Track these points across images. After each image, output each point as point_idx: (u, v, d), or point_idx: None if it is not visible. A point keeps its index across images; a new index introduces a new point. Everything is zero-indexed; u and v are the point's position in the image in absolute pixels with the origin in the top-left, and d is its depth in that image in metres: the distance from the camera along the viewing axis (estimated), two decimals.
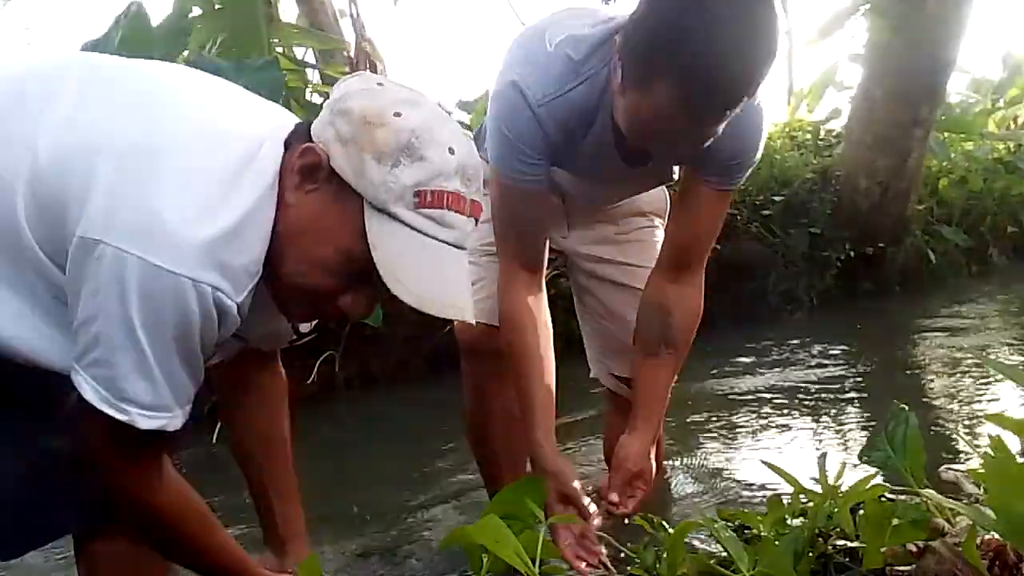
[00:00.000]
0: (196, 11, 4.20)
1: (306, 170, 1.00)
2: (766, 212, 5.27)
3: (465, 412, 1.88)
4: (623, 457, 1.59)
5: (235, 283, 0.98)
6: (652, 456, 1.62)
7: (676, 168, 1.71)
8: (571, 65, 1.46)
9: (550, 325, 1.63)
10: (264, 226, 1.01)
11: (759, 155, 1.59)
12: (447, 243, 1.01)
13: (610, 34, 1.45)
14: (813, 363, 3.71)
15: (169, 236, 0.93)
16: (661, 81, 1.27)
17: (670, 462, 2.31)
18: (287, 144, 1.03)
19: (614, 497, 1.53)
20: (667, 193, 1.92)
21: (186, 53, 3.93)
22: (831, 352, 3.93)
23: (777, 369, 3.63)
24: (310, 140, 1.02)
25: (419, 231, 0.98)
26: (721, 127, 1.34)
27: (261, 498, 1.36)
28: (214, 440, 2.74)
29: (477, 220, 1.04)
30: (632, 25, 1.34)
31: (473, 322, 1.07)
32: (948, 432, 2.52)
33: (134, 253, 0.91)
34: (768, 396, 3.14)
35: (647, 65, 1.29)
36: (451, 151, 0.99)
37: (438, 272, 1.00)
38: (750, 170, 1.62)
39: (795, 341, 4.17)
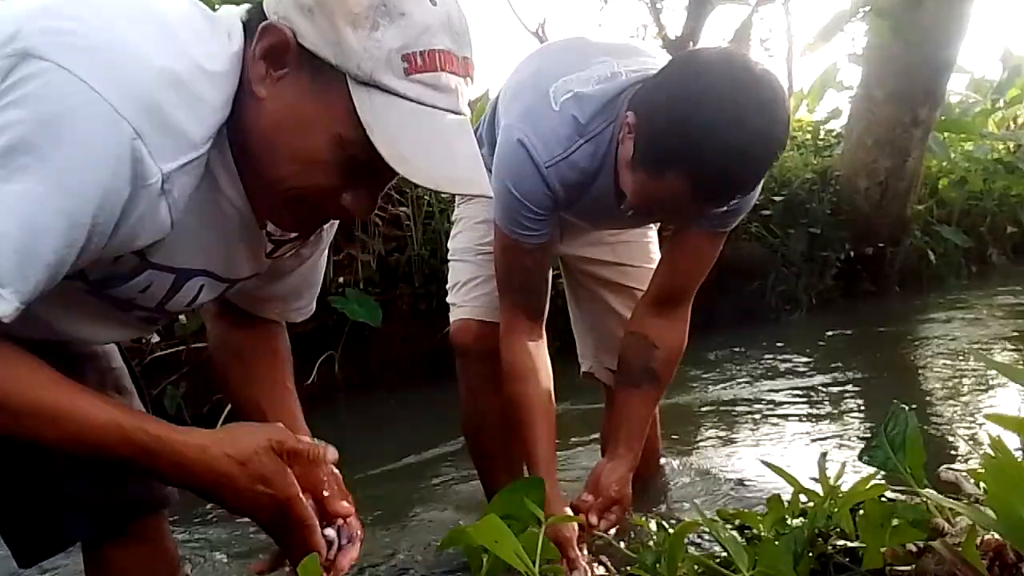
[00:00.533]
0: None
1: (271, 53, 0.85)
2: (766, 212, 5.27)
3: (461, 414, 1.88)
4: (605, 484, 1.58)
5: (163, 141, 0.79)
6: (629, 483, 1.63)
7: None
8: (576, 126, 1.48)
9: (550, 370, 1.64)
10: (220, 96, 0.85)
11: (754, 201, 1.63)
12: (448, 111, 0.86)
13: (615, 93, 1.48)
14: (812, 363, 3.71)
15: (112, 54, 0.77)
16: (676, 172, 1.30)
17: (670, 461, 2.31)
18: (246, 30, 0.88)
19: (593, 519, 1.54)
20: None
21: None
22: (830, 352, 3.93)
23: (776, 369, 3.63)
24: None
25: (416, 101, 0.84)
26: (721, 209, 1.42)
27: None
28: None
29: (472, 80, 0.90)
30: (649, 105, 1.36)
31: (490, 194, 0.99)
32: (948, 432, 2.52)
33: (64, 65, 0.75)
34: (768, 396, 3.14)
35: (662, 153, 1.32)
36: (432, 2, 0.84)
37: (445, 145, 0.86)
38: (744, 214, 1.65)
39: (794, 341, 4.18)
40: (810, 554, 1.02)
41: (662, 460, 2.21)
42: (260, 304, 1.17)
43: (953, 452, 2.26)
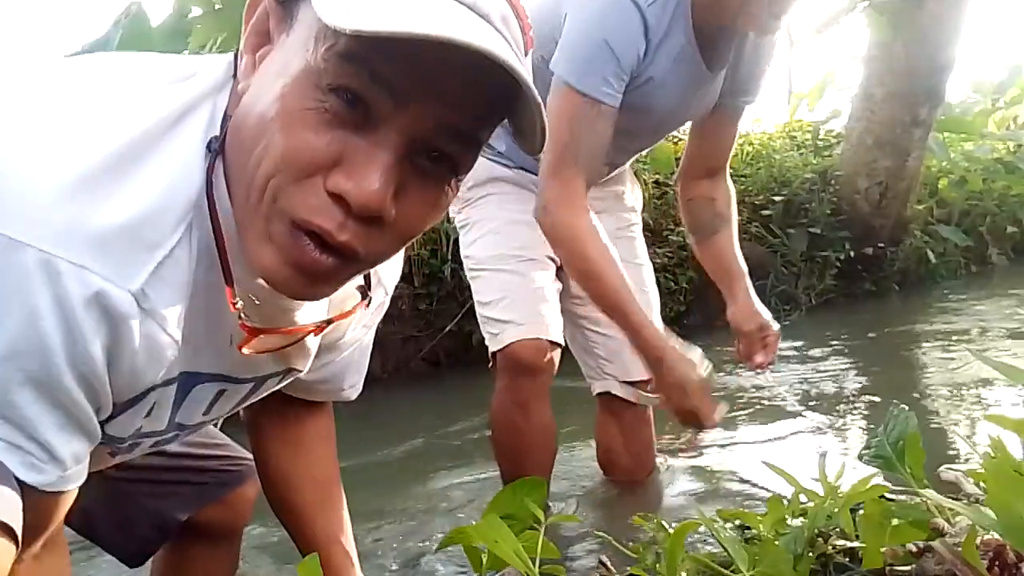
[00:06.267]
0: (196, 11, 4.20)
1: (254, 32, 0.69)
2: (766, 212, 5.28)
3: (497, 427, 1.83)
4: (742, 323, 1.86)
5: (113, 256, 0.61)
6: (762, 314, 1.86)
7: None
8: None
9: None
10: (176, 161, 0.65)
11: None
12: None
13: None
14: (813, 363, 3.71)
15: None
16: None
17: (670, 461, 2.31)
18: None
19: (759, 359, 1.85)
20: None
21: (186, 53, 3.94)
22: (830, 352, 3.93)
23: (777, 369, 3.63)
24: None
25: None
26: (784, 21, 1.53)
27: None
28: None
29: None
30: None
31: (474, 44, 0.58)
32: (948, 432, 2.51)
33: None
34: (768, 396, 3.14)
35: None
36: None
37: (416, 5, 0.60)
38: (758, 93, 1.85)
39: (794, 342, 4.17)
40: (810, 554, 1.02)
41: (660, 460, 2.21)
42: (303, 391, 1.05)
43: (953, 452, 2.26)
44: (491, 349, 1.81)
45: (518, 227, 1.77)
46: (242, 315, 0.73)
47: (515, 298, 1.77)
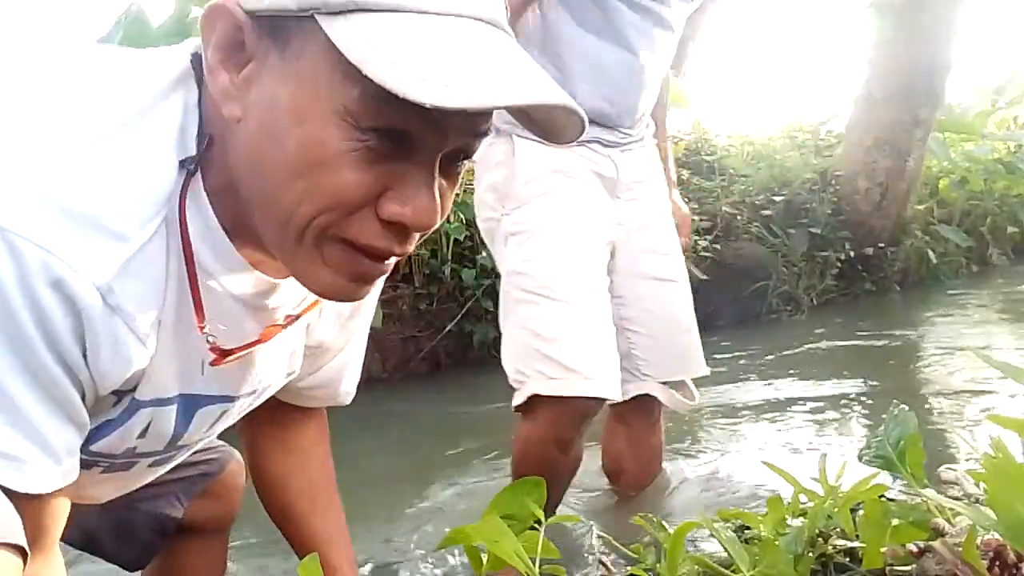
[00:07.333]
0: (196, 12, 4.20)
1: (224, 47, 0.64)
2: (766, 212, 5.27)
3: (529, 460, 1.66)
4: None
5: (76, 241, 0.59)
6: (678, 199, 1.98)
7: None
8: None
9: None
10: (154, 148, 0.64)
11: None
12: (467, 16, 0.60)
13: None
14: (813, 363, 3.71)
15: None
16: None
17: (670, 462, 2.31)
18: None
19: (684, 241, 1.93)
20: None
21: None
22: (831, 352, 3.93)
23: (777, 369, 3.63)
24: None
25: (415, 11, 0.59)
26: None
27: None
28: None
29: None
30: None
31: (566, 101, 0.62)
32: (948, 432, 2.51)
33: None
34: (768, 396, 3.14)
35: None
36: None
37: (475, 51, 0.60)
38: None
39: (795, 341, 4.17)
40: (810, 554, 1.02)
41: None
42: (299, 397, 1.05)
43: (953, 452, 2.26)
44: (541, 391, 1.57)
45: (585, 237, 1.64)
46: (209, 338, 0.71)
47: (583, 343, 1.58)
